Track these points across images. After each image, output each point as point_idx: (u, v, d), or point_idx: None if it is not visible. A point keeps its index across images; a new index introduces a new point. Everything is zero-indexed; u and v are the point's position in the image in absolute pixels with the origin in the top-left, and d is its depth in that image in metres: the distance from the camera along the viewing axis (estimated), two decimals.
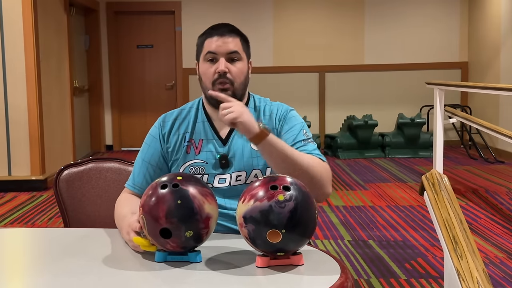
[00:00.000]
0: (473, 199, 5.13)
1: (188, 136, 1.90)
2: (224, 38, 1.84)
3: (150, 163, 1.91)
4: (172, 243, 1.45)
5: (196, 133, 1.91)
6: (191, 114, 1.94)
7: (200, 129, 1.91)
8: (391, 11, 8.51)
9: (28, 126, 5.76)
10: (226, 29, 1.87)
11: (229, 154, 1.87)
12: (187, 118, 1.94)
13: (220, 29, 1.86)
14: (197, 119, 1.93)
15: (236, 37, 1.87)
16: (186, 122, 1.93)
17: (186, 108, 1.97)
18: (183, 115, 1.95)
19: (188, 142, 1.90)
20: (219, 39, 1.84)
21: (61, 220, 2.79)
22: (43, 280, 1.43)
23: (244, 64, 1.88)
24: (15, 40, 5.67)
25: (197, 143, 1.89)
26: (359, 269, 3.43)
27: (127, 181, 1.96)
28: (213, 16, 8.31)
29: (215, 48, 1.84)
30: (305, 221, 1.41)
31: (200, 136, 1.90)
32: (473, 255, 1.31)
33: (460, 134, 8.25)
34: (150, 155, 1.92)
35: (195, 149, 1.89)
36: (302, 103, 8.37)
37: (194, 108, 1.96)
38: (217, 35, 1.85)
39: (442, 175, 1.64)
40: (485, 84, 5.64)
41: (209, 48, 1.85)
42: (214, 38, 1.85)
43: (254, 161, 1.85)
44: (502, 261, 3.54)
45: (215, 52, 1.84)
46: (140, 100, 8.71)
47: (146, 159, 1.92)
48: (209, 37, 1.86)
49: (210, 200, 1.48)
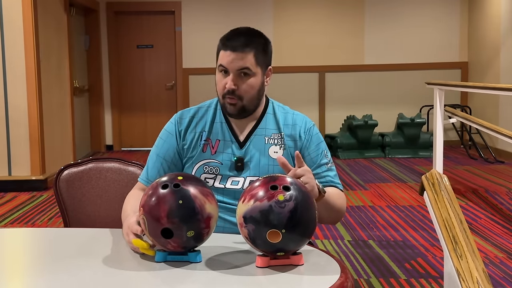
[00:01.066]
0: (473, 199, 5.13)
1: (205, 135, 1.90)
2: (237, 54, 1.80)
3: (165, 159, 1.91)
4: (173, 243, 1.45)
5: (214, 133, 1.91)
6: (209, 113, 1.93)
7: (218, 130, 1.91)
8: (391, 11, 8.51)
9: (28, 126, 5.75)
10: (241, 43, 1.81)
11: (246, 157, 1.87)
12: (205, 117, 1.93)
13: (234, 42, 1.82)
14: (215, 119, 1.92)
15: (250, 51, 1.81)
16: (204, 121, 1.92)
17: (203, 106, 1.96)
18: (201, 114, 1.94)
19: (205, 141, 1.90)
20: (231, 54, 1.81)
21: (61, 220, 2.80)
22: (43, 280, 1.43)
23: (257, 79, 1.85)
24: (15, 40, 5.67)
25: (213, 143, 1.90)
26: (359, 269, 3.43)
27: (129, 182, 1.96)
28: (213, 16, 8.32)
29: (226, 63, 1.81)
30: (305, 221, 1.41)
31: (218, 136, 1.90)
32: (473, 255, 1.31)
33: (460, 134, 8.25)
34: (165, 150, 1.92)
35: (211, 149, 1.89)
36: (302, 103, 8.37)
37: (212, 108, 1.94)
38: (230, 49, 1.81)
39: (442, 175, 1.64)
40: (485, 84, 5.64)
41: (222, 61, 1.83)
42: (227, 52, 1.81)
43: (270, 168, 1.86)
44: (502, 261, 3.54)
45: (226, 67, 1.82)
46: (140, 100, 8.71)
47: (161, 155, 1.92)
48: (223, 49, 1.83)
49: (210, 200, 1.48)
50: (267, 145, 1.89)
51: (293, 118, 1.94)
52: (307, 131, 1.92)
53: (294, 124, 1.92)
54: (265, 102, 1.94)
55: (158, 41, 8.62)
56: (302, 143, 1.91)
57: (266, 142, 1.89)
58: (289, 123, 1.92)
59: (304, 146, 1.91)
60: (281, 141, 1.89)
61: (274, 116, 1.93)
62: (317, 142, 1.92)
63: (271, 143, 1.89)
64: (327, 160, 1.92)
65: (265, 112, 1.93)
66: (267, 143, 1.89)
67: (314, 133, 1.93)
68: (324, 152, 1.92)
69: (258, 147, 1.88)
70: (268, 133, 1.90)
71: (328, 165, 1.92)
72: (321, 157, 1.91)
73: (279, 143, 1.89)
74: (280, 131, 1.91)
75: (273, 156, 1.87)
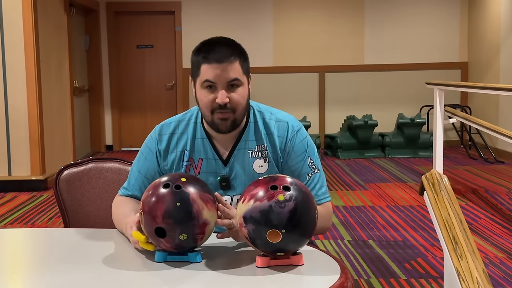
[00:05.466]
0: (473, 199, 5.13)
1: (187, 154, 1.82)
2: (223, 66, 1.69)
3: (146, 177, 1.85)
4: (166, 242, 1.45)
5: (196, 152, 1.82)
6: (189, 129, 1.84)
7: (200, 147, 1.82)
8: (391, 11, 8.51)
9: (28, 126, 5.75)
10: (224, 53, 1.70)
11: (231, 175, 1.80)
12: (186, 134, 1.84)
13: (217, 53, 1.70)
14: (196, 135, 1.83)
15: (235, 61, 1.71)
16: (185, 138, 1.83)
17: (184, 119, 1.87)
18: (181, 129, 1.85)
19: (187, 161, 1.82)
20: (218, 66, 1.69)
21: (61, 220, 2.80)
22: (43, 280, 1.43)
23: (245, 88, 1.75)
24: (15, 40, 5.67)
25: (196, 162, 1.82)
26: (359, 269, 3.43)
27: (122, 185, 1.93)
28: (213, 16, 8.32)
29: (213, 77, 1.69)
30: (305, 221, 1.41)
31: (200, 155, 1.82)
32: (473, 255, 1.31)
33: (460, 134, 8.25)
34: (146, 168, 1.86)
35: (194, 170, 1.81)
36: (302, 103, 8.37)
37: (192, 122, 1.85)
38: (215, 62, 1.69)
39: (442, 175, 1.64)
40: (485, 84, 5.64)
41: (207, 76, 1.70)
42: (213, 65, 1.69)
43: None
44: (502, 261, 3.54)
45: (214, 81, 1.70)
46: (140, 100, 8.71)
47: (143, 172, 1.86)
48: (206, 62, 1.70)
49: (210, 207, 1.47)
50: (251, 159, 1.81)
51: (276, 126, 1.83)
52: (289, 140, 1.81)
53: (277, 134, 1.82)
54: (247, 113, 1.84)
55: (158, 41, 8.62)
56: (283, 156, 1.82)
57: (250, 156, 1.81)
58: (272, 132, 1.82)
59: (285, 159, 1.82)
60: (265, 153, 1.81)
61: (255, 125, 1.83)
62: (300, 152, 1.81)
63: (255, 156, 1.81)
64: (309, 170, 1.80)
65: (248, 121, 1.82)
66: (251, 157, 1.81)
67: (297, 142, 1.81)
68: (308, 160, 1.81)
69: (242, 164, 1.80)
70: (251, 146, 1.81)
71: (310, 175, 1.80)
72: (303, 167, 1.80)
73: (263, 156, 1.81)
74: (263, 142, 1.81)
75: (258, 172, 1.80)
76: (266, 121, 1.84)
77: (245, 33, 8.09)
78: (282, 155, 1.82)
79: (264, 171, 1.81)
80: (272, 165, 1.81)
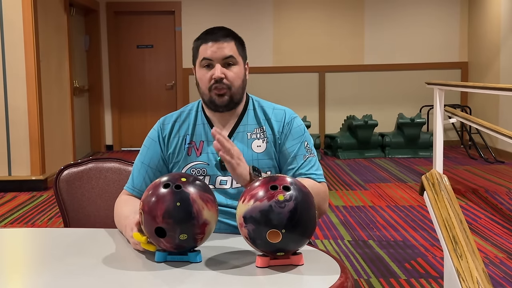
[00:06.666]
0: (473, 199, 5.13)
1: (189, 138, 1.91)
2: (219, 44, 1.84)
3: (150, 166, 1.92)
4: (165, 242, 1.45)
5: (197, 135, 1.92)
6: (191, 117, 1.95)
7: (201, 131, 1.92)
8: (391, 11, 8.51)
9: (28, 126, 5.75)
10: (221, 34, 1.86)
11: None
12: (187, 121, 1.95)
13: (214, 34, 1.86)
14: (197, 121, 1.94)
15: (231, 41, 1.86)
16: (186, 124, 1.94)
17: (185, 110, 1.98)
18: (183, 118, 1.96)
19: (189, 144, 1.91)
20: (214, 44, 1.84)
21: (61, 220, 2.80)
22: (43, 280, 1.43)
23: (241, 68, 1.88)
24: (15, 40, 5.67)
25: (198, 145, 1.91)
26: (359, 269, 3.43)
27: (126, 183, 1.96)
28: (213, 16, 8.31)
29: (210, 54, 1.84)
30: (305, 221, 1.41)
31: (201, 138, 1.92)
32: (473, 255, 1.31)
33: (460, 134, 8.25)
34: (150, 158, 1.93)
35: (196, 151, 1.90)
36: (302, 103, 8.37)
37: (193, 111, 1.96)
38: (212, 41, 1.84)
39: (442, 175, 1.64)
40: (485, 84, 5.64)
41: (205, 54, 1.85)
42: (209, 44, 1.84)
43: (254, 163, 1.85)
44: (502, 261, 3.54)
45: (210, 58, 1.84)
46: (140, 100, 8.71)
47: (146, 162, 1.92)
48: (204, 42, 1.86)
49: (210, 207, 1.47)
50: (250, 140, 1.90)
51: (273, 113, 1.94)
52: (287, 124, 1.91)
53: (274, 119, 1.92)
54: (246, 99, 1.96)
55: (158, 41, 8.62)
56: (281, 138, 1.90)
57: (248, 137, 1.90)
58: (270, 118, 1.93)
59: (283, 141, 1.90)
60: (263, 134, 1.90)
61: (255, 112, 1.94)
62: (297, 135, 1.90)
63: (254, 137, 1.90)
64: (305, 153, 1.88)
65: (246, 108, 1.94)
66: (249, 138, 1.90)
67: (294, 126, 1.91)
68: (305, 144, 1.90)
69: (242, 144, 1.88)
70: (250, 129, 1.91)
71: (307, 157, 1.88)
72: (299, 149, 1.88)
73: (262, 137, 1.90)
74: (262, 125, 1.92)
75: (257, 151, 1.88)
76: (265, 109, 1.96)
77: (245, 33, 7.99)
78: (280, 137, 1.90)
79: (262, 150, 1.89)
80: (270, 145, 1.89)
